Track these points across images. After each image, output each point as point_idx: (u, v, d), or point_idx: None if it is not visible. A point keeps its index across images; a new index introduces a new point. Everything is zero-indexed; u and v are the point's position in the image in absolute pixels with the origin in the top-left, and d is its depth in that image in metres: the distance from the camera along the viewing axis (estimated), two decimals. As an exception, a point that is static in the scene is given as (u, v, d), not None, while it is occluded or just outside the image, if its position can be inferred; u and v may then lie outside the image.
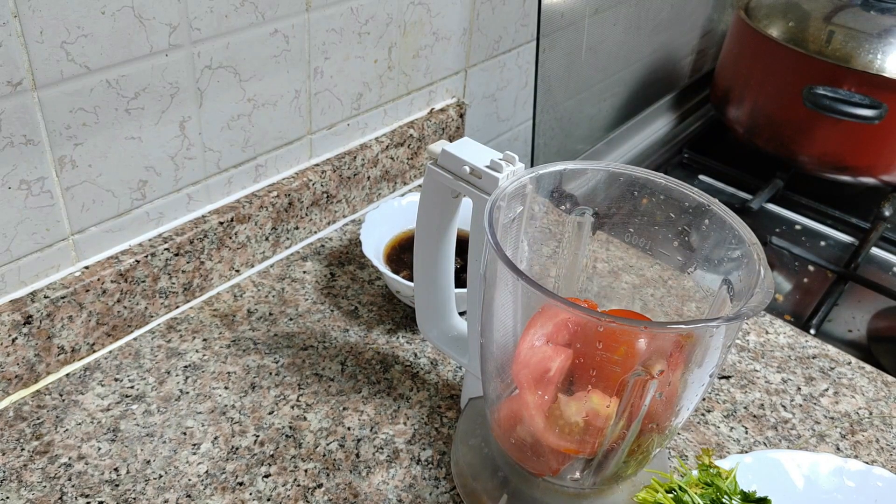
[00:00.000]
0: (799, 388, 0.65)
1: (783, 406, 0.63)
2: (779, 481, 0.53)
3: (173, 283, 0.65)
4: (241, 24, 0.61)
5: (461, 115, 0.90)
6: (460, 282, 0.58)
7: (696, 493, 0.48)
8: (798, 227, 1.08)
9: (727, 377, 0.66)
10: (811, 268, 0.99)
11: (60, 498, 0.51)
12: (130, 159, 0.59)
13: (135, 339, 0.63)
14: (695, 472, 0.51)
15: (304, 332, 0.66)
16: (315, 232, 0.77)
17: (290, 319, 0.67)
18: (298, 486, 0.53)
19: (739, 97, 1.14)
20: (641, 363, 0.39)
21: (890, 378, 0.67)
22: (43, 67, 0.51)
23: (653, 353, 0.39)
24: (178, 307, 0.67)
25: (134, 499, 0.51)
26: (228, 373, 0.61)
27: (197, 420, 0.57)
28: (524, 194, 0.47)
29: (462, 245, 0.55)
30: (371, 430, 0.57)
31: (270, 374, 0.61)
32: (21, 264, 0.56)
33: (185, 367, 0.61)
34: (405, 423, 0.58)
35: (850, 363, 0.68)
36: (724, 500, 0.49)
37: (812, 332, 0.86)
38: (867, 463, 0.57)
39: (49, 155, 0.54)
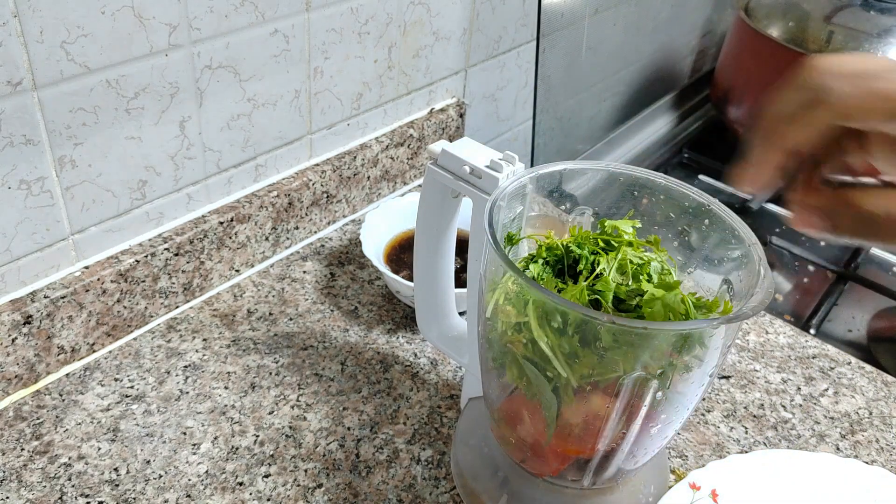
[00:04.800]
0: (799, 388, 0.65)
1: (783, 406, 0.63)
2: (779, 481, 0.53)
3: (173, 283, 0.65)
4: (241, 24, 0.61)
5: (461, 115, 0.90)
6: (460, 282, 0.58)
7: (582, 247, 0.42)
8: (798, 226, 1.08)
9: (727, 377, 0.66)
10: (811, 268, 0.99)
11: (60, 498, 0.51)
12: (130, 159, 0.59)
13: (135, 339, 0.63)
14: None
15: (304, 332, 0.66)
16: (315, 232, 0.77)
17: (290, 319, 0.67)
18: (298, 486, 0.53)
19: (739, 97, 1.14)
20: (641, 363, 0.39)
21: (890, 378, 0.67)
22: (43, 67, 0.51)
23: (653, 353, 0.39)
24: (178, 307, 0.67)
25: (134, 499, 0.51)
26: (228, 373, 0.61)
27: (197, 420, 0.57)
28: (524, 194, 0.47)
29: (462, 245, 0.54)
30: (371, 430, 0.57)
31: (270, 374, 0.61)
32: (21, 264, 0.56)
33: (185, 366, 0.61)
34: (405, 423, 0.58)
35: (849, 363, 0.68)
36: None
37: (812, 332, 0.86)
38: (867, 463, 0.57)
39: (49, 155, 0.54)
